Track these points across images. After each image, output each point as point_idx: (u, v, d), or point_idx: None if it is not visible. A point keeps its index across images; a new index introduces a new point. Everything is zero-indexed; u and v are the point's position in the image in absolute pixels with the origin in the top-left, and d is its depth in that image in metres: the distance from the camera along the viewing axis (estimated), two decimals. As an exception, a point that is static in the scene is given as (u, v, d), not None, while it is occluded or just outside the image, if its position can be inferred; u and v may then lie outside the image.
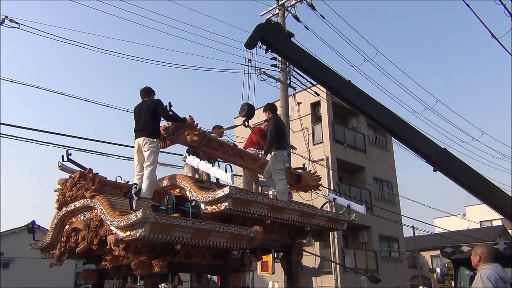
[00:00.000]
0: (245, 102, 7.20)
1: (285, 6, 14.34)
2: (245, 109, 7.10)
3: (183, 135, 6.22)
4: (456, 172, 8.45)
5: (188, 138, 6.17)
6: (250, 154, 7.55)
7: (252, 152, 7.73)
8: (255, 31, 7.45)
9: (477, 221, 36.50)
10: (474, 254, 4.53)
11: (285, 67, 14.02)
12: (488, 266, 4.28)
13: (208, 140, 6.49)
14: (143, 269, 5.10)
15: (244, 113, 7.11)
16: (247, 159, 7.38)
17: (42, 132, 9.47)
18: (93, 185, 5.52)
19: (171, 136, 6.44)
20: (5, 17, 9.67)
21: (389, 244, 23.04)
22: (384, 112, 8.46)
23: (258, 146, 7.92)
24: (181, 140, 6.36)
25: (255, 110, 7.25)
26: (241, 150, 7.44)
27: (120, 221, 4.76)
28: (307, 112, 21.17)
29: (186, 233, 4.91)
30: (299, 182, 8.06)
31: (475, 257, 4.49)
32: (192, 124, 6.25)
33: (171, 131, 6.41)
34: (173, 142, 6.63)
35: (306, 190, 8.75)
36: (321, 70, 8.23)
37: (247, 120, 7.22)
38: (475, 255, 4.50)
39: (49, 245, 6.13)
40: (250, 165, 7.43)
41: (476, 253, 4.49)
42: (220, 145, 6.88)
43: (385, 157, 24.51)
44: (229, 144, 7.15)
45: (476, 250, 4.53)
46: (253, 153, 7.69)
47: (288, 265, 7.28)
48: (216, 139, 6.96)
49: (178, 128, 6.35)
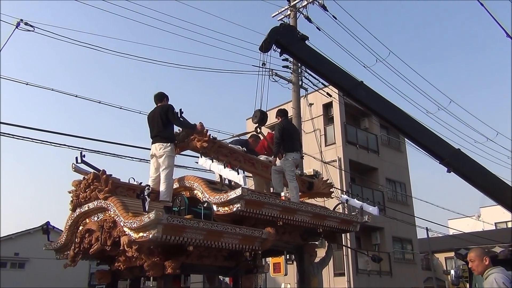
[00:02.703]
0: (258, 109, 7.25)
1: (297, 7, 14.31)
2: (258, 116, 7.15)
3: (193, 142, 6.26)
4: (470, 173, 8.36)
5: (198, 144, 6.21)
6: (261, 161, 7.56)
7: (263, 159, 7.74)
8: (270, 34, 7.46)
9: (492, 222, 36.02)
10: (478, 259, 4.14)
11: (296, 68, 13.98)
12: (496, 270, 4.01)
13: (218, 146, 6.50)
14: (156, 270, 5.13)
15: (256, 120, 7.17)
16: (258, 166, 7.39)
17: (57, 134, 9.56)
18: (107, 186, 5.56)
19: (181, 142, 6.49)
20: (20, 20, 9.79)
21: (403, 246, 22.84)
22: (396, 112, 8.41)
23: (268, 152, 7.94)
24: (191, 147, 6.42)
25: (267, 116, 7.30)
26: (252, 157, 7.45)
27: (133, 222, 4.79)
28: (319, 113, 21.10)
29: (198, 234, 4.93)
30: (311, 189, 8.02)
31: (483, 262, 4.11)
32: (202, 131, 6.29)
33: (181, 137, 6.46)
34: (183, 149, 6.69)
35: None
36: (334, 71, 8.21)
37: (260, 127, 7.26)
38: (480, 259, 4.13)
39: (63, 246, 6.19)
40: (261, 172, 7.44)
41: (481, 257, 4.14)
42: (231, 151, 6.88)
43: (398, 158, 24.32)
44: (240, 151, 7.15)
45: (479, 254, 4.16)
46: (264, 160, 7.70)
47: (300, 266, 7.26)
48: (227, 146, 6.97)
49: (188, 134, 6.39)
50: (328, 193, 8.30)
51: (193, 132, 6.32)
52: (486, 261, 4.12)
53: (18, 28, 9.74)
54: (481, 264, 4.13)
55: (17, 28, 9.71)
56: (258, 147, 8.36)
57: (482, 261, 4.13)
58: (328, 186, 8.20)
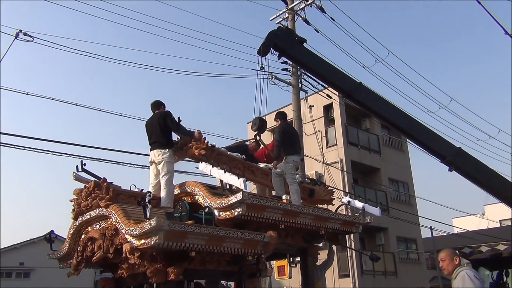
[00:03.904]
0: (257, 116, 7.26)
1: (295, 10, 14.32)
2: (257, 123, 7.15)
3: (191, 150, 6.26)
4: (472, 171, 8.34)
5: (196, 152, 6.21)
6: (261, 168, 7.55)
7: (262, 166, 7.73)
8: (268, 38, 7.46)
9: (497, 220, 35.87)
10: (449, 258, 4.16)
11: (296, 71, 13.99)
12: (466, 268, 4.03)
13: (217, 154, 6.50)
14: (159, 277, 5.12)
15: (256, 127, 7.17)
16: (258, 173, 7.39)
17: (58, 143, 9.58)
18: (108, 194, 5.58)
19: (180, 150, 6.49)
20: (19, 31, 9.84)
21: (407, 246, 22.78)
22: (396, 112, 8.40)
23: (268, 159, 7.94)
24: (190, 155, 6.42)
25: (267, 123, 7.31)
26: (252, 164, 7.45)
27: (135, 229, 4.80)
28: (319, 115, 21.11)
29: (200, 240, 4.93)
30: (312, 196, 8.01)
31: (453, 261, 4.14)
32: (200, 138, 6.29)
33: (180, 145, 6.46)
34: (182, 157, 6.69)
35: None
36: (333, 73, 8.20)
37: (259, 134, 7.26)
38: (451, 259, 4.14)
39: (66, 255, 6.21)
40: (260, 179, 7.44)
41: (451, 256, 4.15)
42: (230, 159, 6.89)
43: (400, 158, 24.28)
44: (239, 158, 7.15)
45: (450, 254, 4.19)
46: (264, 167, 7.70)
47: (304, 269, 7.25)
48: (226, 154, 6.97)
49: (186, 142, 6.39)
50: (329, 200, 8.28)
51: (191, 140, 6.32)
52: (456, 261, 4.13)
53: (18, 38, 9.79)
54: (451, 263, 4.14)
55: (16, 38, 9.77)
56: (258, 154, 8.37)
57: (452, 261, 4.14)
58: (329, 193, 8.19)
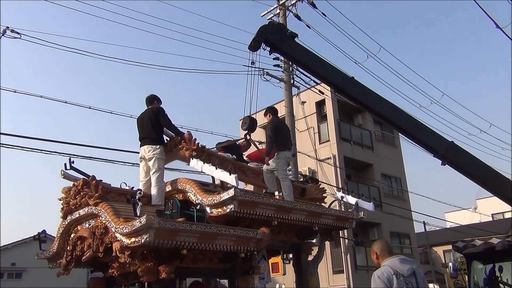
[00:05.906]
0: (247, 116, 7.18)
1: (286, 6, 14.27)
2: (247, 122, 7.08)
3: (181, 151, 6.16)
4: (464, 165, 8.32)
5: (186, 153, 6.10)
6: (252, 168, 7.48)
7: (253, 166, 7.67)
8: (259, 33, 7.38)
9: (489, 214, 36.14)
10: (371, 252, 4.08)
11: (288, 67, 13.93)
12: (386, 263, 3.85)
13: (208, 155, 6.41)
14: (150, 276, 5.04)
15: (246, 127, 7.10)
16: (249, 173, 7.31)
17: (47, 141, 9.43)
18: (97, 192, 5.48)
19: (169, 152, 6.38)
20: (6, 28, 9.69)
21: (401, 241, 22.88)
22: (389, 107, 8.36)
23: (260, 159, 7.88)
24: (180, 156, 6.32)
25: (257, 122, 7.25)
26: (243, 164, 7.38)
27: (125, 227, 4.71)
28: (312, 111, 21.08)
29: (191, 237, 4.87)
30: (304, 195, 7.93)
31: (373, 256, 4.04)
32: (190, 139, 6.20)
33: (169, 147, 6.36)
34: (172, 159, 6.59)
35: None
36: (324, 68, 8.14)
37: (249, 134, 7.18)
38: (372, 253, 4.06)
39: (56, 255, 6.10)
40: (252, 179, 7.36)
41: (373, 250, 4.04)
42: (221, 160, 6.81)
43: (393, 153, 24.36)
44: (230, 159, 7.07)
45: (372, 248, 4.09)
46: (255, 167, 7.64)
47: (297, 265, 7.20)
48: (217, 154, 6.88)
49: (176, 144, 6.29)
50: (321, 198, 8.23)
51: (181, 141, 6.22)
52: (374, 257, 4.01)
53: (5, 35, 9.64)
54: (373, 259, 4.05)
55: (3, 35, 9.62)
56: (253, 156, 8.30)
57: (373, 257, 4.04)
58: (321, 191, 8.13)
